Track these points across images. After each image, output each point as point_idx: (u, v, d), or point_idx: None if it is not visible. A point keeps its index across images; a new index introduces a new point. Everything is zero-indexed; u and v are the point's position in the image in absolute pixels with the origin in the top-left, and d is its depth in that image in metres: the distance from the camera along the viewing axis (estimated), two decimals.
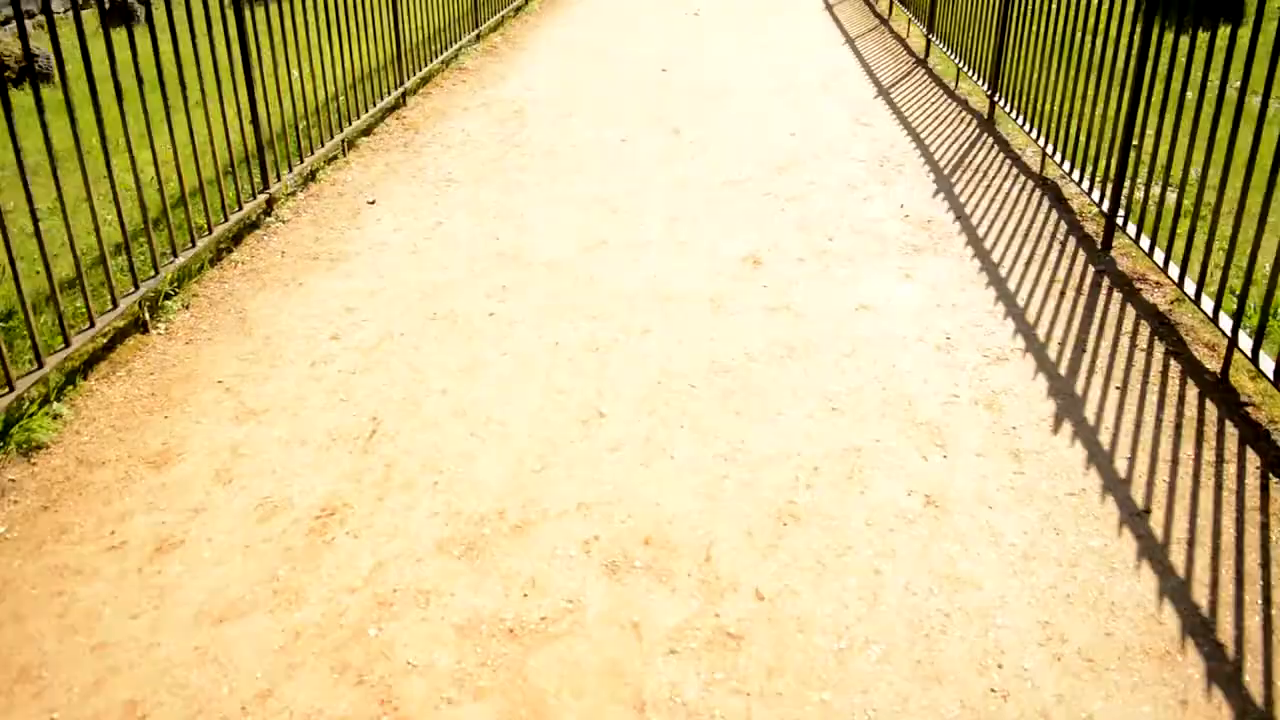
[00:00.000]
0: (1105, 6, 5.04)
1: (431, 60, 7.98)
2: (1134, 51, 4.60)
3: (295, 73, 5.59)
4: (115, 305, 3.86)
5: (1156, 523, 2.93)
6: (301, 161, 5.59)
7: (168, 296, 4.27)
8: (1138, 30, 4.59)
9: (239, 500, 3.06)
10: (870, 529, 2.89)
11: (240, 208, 4.89)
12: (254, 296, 4.41)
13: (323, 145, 5.86)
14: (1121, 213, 4.72)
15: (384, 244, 4.95)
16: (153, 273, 4.13)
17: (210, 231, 4.60)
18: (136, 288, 3.99)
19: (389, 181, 5.82)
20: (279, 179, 5.31)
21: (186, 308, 4.27)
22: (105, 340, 3.94)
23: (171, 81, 4.37)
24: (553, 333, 4.04)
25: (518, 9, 10.86)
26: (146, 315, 4.08)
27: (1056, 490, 3.07)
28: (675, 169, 5.98)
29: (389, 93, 6.99)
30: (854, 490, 3.06)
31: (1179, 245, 4.32)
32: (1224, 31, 7.93)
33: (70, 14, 8.95)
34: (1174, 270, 4.12)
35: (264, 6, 5.21)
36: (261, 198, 5.11)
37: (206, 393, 3.64)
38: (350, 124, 6.28)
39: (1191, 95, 6.03)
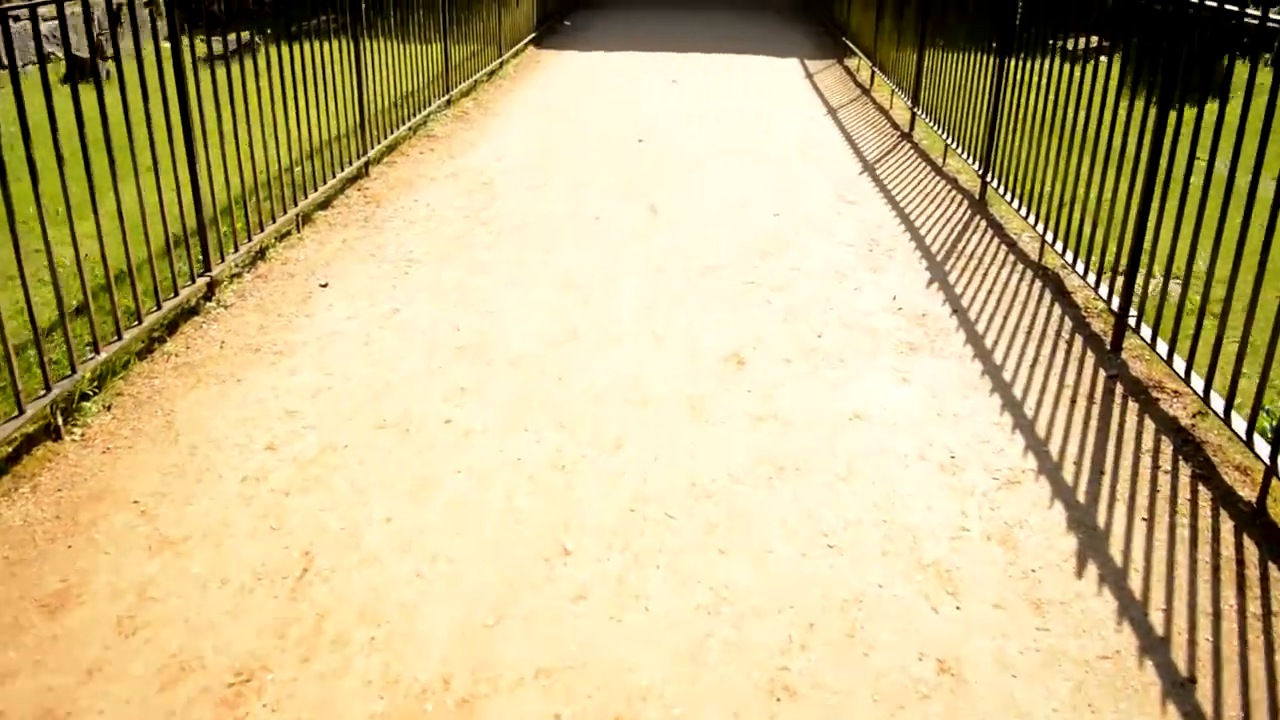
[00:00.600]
0: (1108, 80, 4.75)
1: (398, 127, 7.63)
2: (1147, 130, 4.30)
3: (248, 140, 5.22)
4: (22, 411, 3.43)
5: (1204, 695, 2.54)
6: (250, 239, 5.19)
7: (86, 397, 3.83)
8: (1152, 108, 4.29)
9: (141, 658, 2.61)
10: (878, 706, 2.48)
11: (176, 293, 4.48)
12: (185, 395, 3.98)
13: (274, 220, 5.47)
14: (1134, 312, 4.38)
15: (335, 334, 4.54)
16: (69, 371, 3.70)
17: (140, 321, 4.18)
18: (48, 390, 3.56)
19: (345, 260, 5.43)
20: (223, 259, 4.90)
21: (108, 408, 3.84)
22: (10, 449, 3.50)
23: (117, 148, 3.99)
24: (515, 445, 3.63)
25: (492, 73, 10.57)
26: (59, 420, 3.64)
27: (1087, 653, 2.67)
28: (651, 250, 5.63)
29: (350, 162, 6.63)
30: (856, 653, 2.66)
31: (1202, 352, 3.97)
32: (1212, 108, 7.70)
33: (26, 69, 8.56)
34: (1197, 382, 3.77)
35: (225, 66, 4.84)
36: (201, 281, 4.70)
37: (119, 515, 3.20)
38: (306, 197, 5.90)
39: (1195, 179, 5.76)
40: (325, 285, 5.10)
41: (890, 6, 9.87)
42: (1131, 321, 4.37)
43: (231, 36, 7.81)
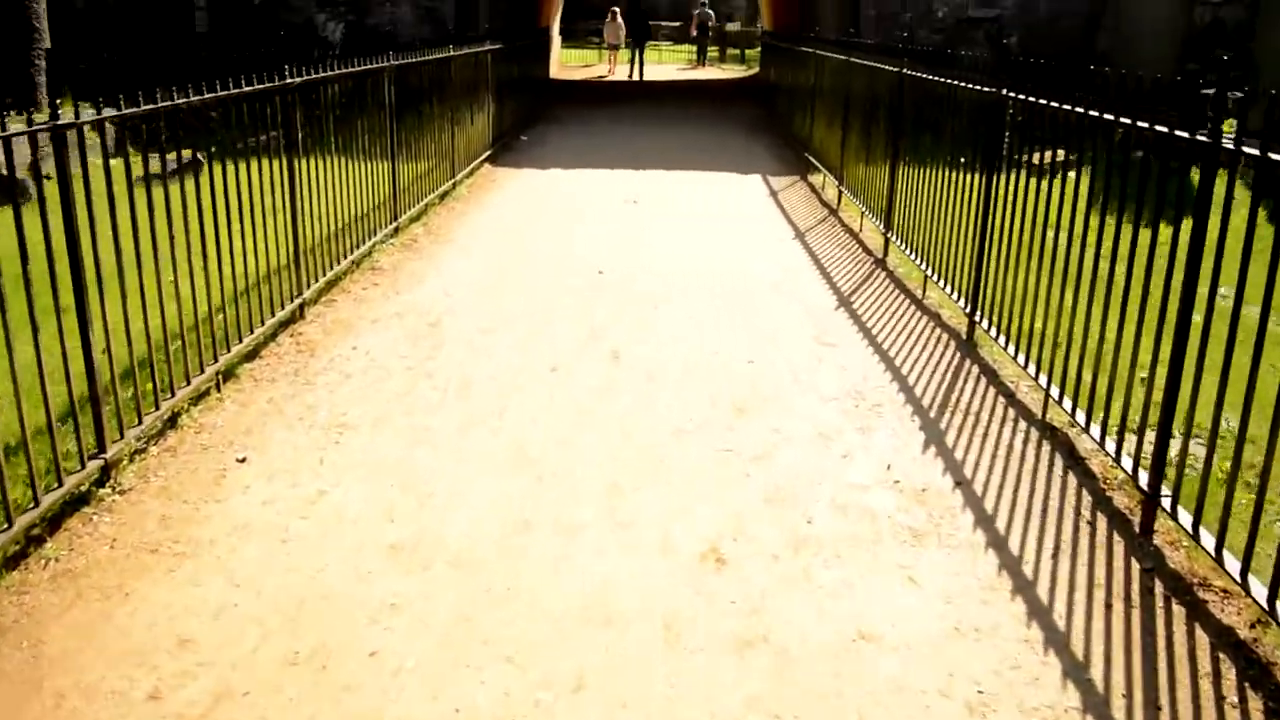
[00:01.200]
0: (1118, 208, 4.30)
1: (340, 260, 7.08)
2: (1177, 269, 3.81)
3: (175, 277, 4.65)
4: None
5: None
6: (158, 406, 4.56)
7: None
8: (1180, 246, 3.81)
9: None
10: None
11: (60, 483, 3.82)
12: (60, 618, 3.30)
13: (188, 382, 4.84)
14: (1165, 490, 3.85)
15: (247, 527, 3.89)
16: None
17: (10, 524, 3.52)
18: None
19: (269, 426, 4.80)
20: (123, 434, 4.26)
21: None
22: None
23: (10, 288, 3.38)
24: (453, 689, 2.98)
25: (445, 194, 10.10)
26: None
27: None
28: (615, 410, 5.05)
29: (283, 305, 6.04)
30: None
31: (1264, 546, 3.41)
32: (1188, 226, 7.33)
33: None
34: (1258, 589, 3.22)
35: (163, 185, 4.27)
36: (93, 465, 4.05)
37: None
38: (230, 349, 5.29)
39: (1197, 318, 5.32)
40: (243, 460, 4.46)
41: (856, 123, 9.56)
42: (1165, 502, 3.83)
43: (187, 152, 7.27)
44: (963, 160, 6.53)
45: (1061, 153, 6.65)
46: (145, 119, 4.63)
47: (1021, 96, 5.53)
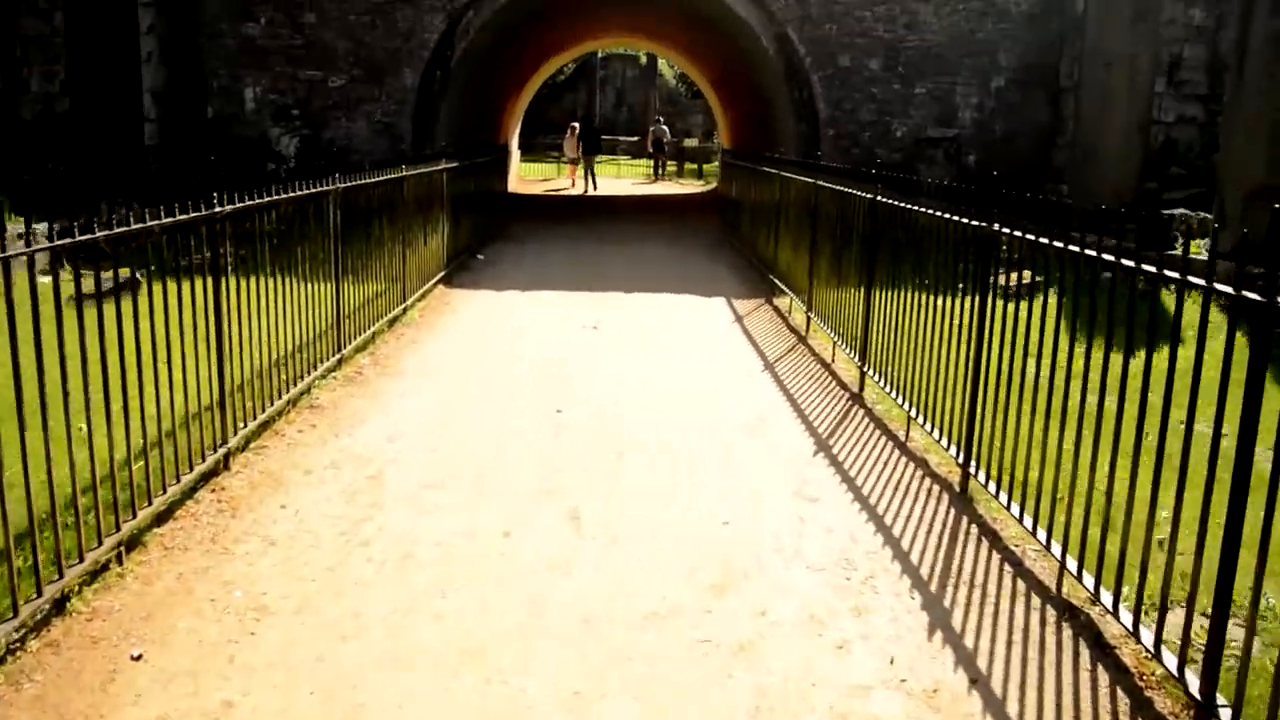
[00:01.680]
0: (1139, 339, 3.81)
1: (274, 398, 6.46)
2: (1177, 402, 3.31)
3: (79, 427, 4.04)
4: None
5: None
6: (39, 592, 3.87)
7: None
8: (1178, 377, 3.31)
9: None
10: None
11: None
12: None
13: (82, 558, 4.16)
14: (1222, 699, 3.28)
15: None
16: None
17: None
18: None
19: (175, 611, 4.12)
20: None
21: None
22: None
23: None
24: None
25: (394, 320, 9.54)
26: None
27: None
28: (576, 588, 4.42)
29: (204, 456, 5.39)
30: None
31: None
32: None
33: None
34: None
35: (96, 306, 3.66)
36: None
37: None
38: (136, 513, 4.62)
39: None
40: (139, 658, 3.77)
41: (825, 247, 9.19)
42: (1224, 715, 3.25)
43: (125, 271, 6.68)
44: (946, 290, 6.12)
45: (1028, 274, 6.32)
46: (58, 252, 4.05)
47: (1017, 234, 5.14)
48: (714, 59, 24.57)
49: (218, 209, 5.49)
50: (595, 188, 27.79)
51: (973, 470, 5.49)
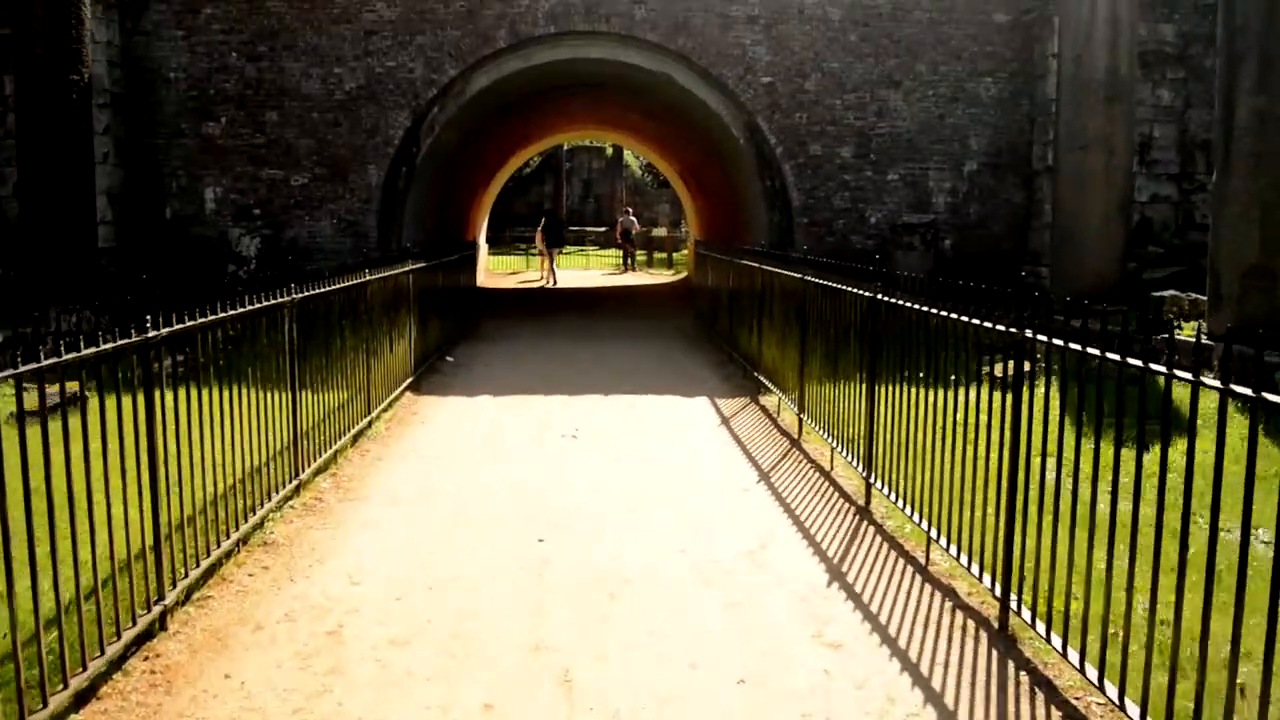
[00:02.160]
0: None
1: (222, 538, 5.71)
2: None
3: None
4: None
5: None
6: None
7: None
8: None
9: None
10: None
11: None
12: None
13: None
14: None
15: None
16: None
17: None
18: None
19: None
20: None
21: None
22: None
23: None
24: None
25: (359, 434, 8.82)
26: None
27: None
28: None
29: (135, 617, 4.64)
30: None
31: None
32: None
33: None
34: None
35: (41, 424, 2.95)
36: None
37: None
38: (46, 700, 3.86)
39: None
40: None
41: (818, 346, 8.62)
42: None
43: (72, 385, 6.00)
44: (954, 389, 5.55)
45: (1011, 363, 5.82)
46: None
47: (1051, 340, 4.59)
48: (682, 149, 24.37)
49: (150, 334, 4.83)
50: (555, 281, 27.51)
51: (1013, 604, 4.84)
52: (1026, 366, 4.91)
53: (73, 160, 13.48)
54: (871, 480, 6.98)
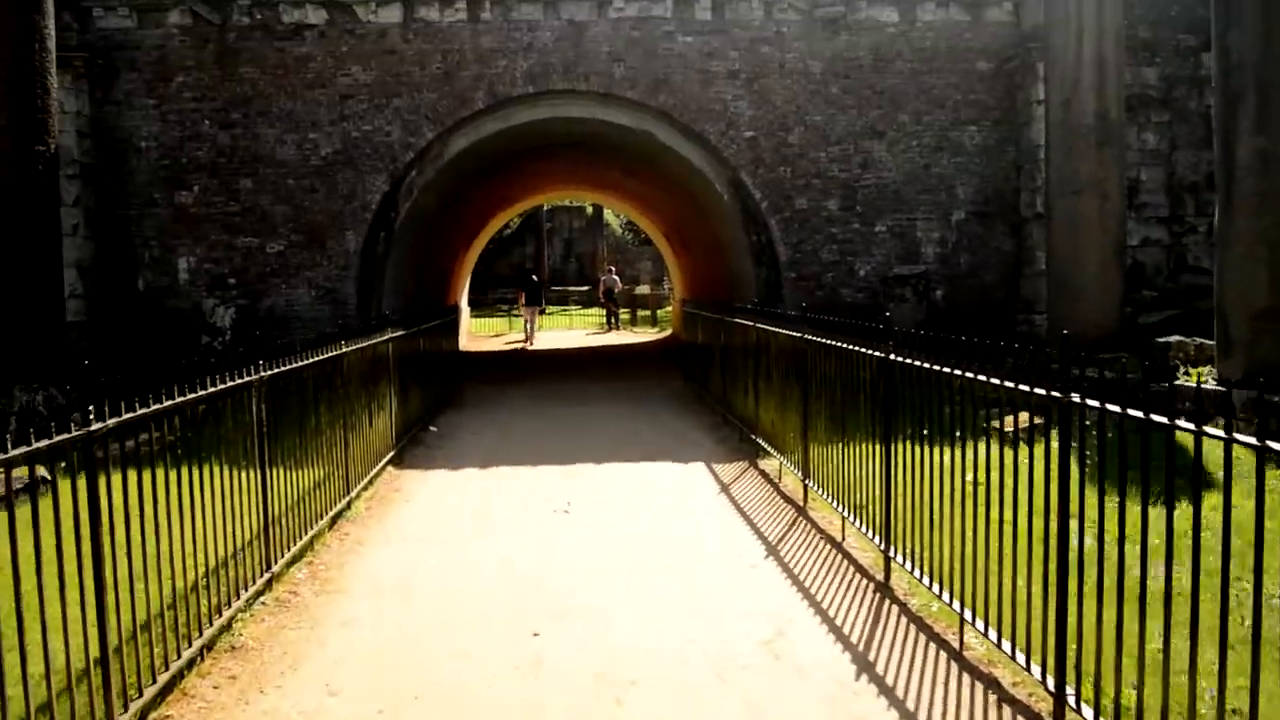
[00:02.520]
0: None
1: (183, 646, 5.12)
2: None
3: None
4: None
5: None
6: None
7: None
8: None
9: None
10: None
11: None
12: None
13: None
14: None
15: None
16: None
17: None
18: None
19: None
20: None
21: None
22: None
23: None
24: None
25: (337, 516, 8.23)
26: None
27: None
28: None
29: None
30: None
31: None
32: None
33: None
34: None
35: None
36: None
37: None
38: None
39: None
40: None
41: (822, 408, 8.12)
42: None
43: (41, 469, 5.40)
44: (977, 449, 5.05)
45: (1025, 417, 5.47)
46: None
47: (1089, 402, 4.12)
48: (664, 207, 24.06)
49: (95, 425, 4.28)
50: (533, 342, 27.26)
51: (1070, 699, 4.29)
52: (1026, 419, 4.46)
53: (39, 233, 12.97)
54: (891, 554, 6.45)
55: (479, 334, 30.29)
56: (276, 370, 6.74)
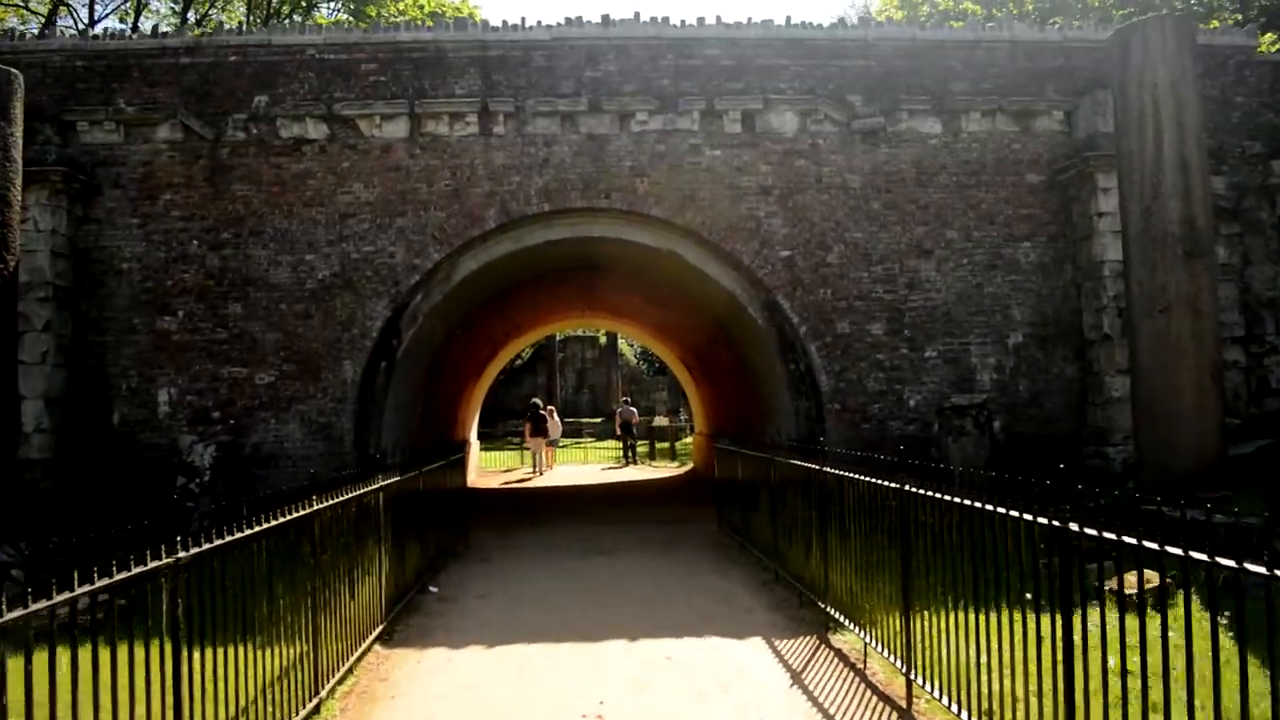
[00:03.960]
0: None
1: None
2: None
3: None
4: None
5: None
6: None
7: None
8: None
9: None
10: None
11: None
12: None
13: None
14: None
15: None
16: None
17: None
18: None
19: None
20: None
21: None
22: None
23: None
24: None
25: None
26: None
27: None
28: None
29: None
30: None
31: None
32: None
33: None
34: None
35: None
36: None
37: None
38: None
39: None
40: None
41: (941, 571, 6.14)
42: None
43: None
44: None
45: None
46: None
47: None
48: (687, 334, 22.36)
49: None
50: (542, 472, 26.83)
51: None
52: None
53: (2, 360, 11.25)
54: None
55: (488, 469, 28.27)
56: (199, 549, 4.79)
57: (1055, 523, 4.57)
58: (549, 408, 30.14)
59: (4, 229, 11.31)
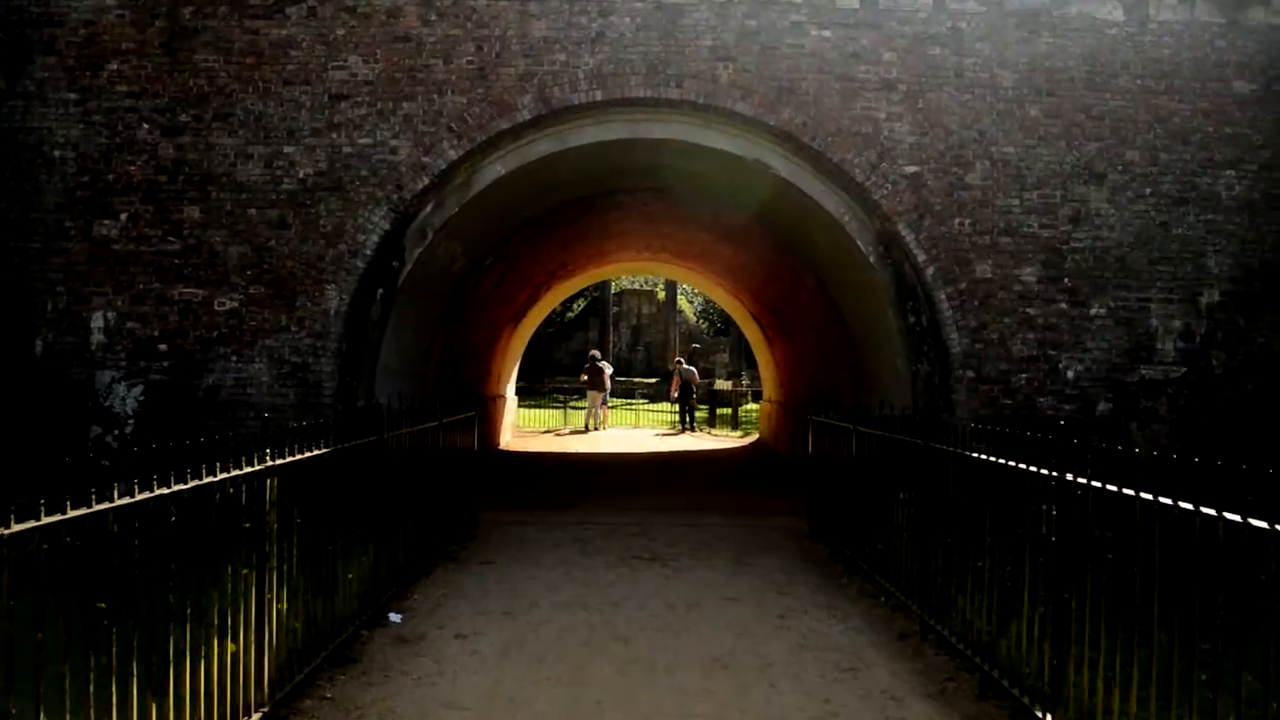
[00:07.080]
0: None
1: None
2: None
3: None
4: None
5: None
6: None
7: None
8: None
9: None
10: None
11: None
12: None
13: None
14: None
15: None
16: None
17: None
18: None
19: None
20: None
21: None
22: None
23: None
24: None
25: None
26: None
27: None
28: None
29: None
30: None
31: None
32: None
33: None
34: None
35: None
36: None
37: None
38: None
39: None
40: None
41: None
42: None
43: None
44: None
45: None
46: None
47: None
48: (763, 279, 18.36)
49: None
50: (596, 427, 25.16)
51: None
52: None
53: None
54: None
55: (526, 429, 24.64)
56: None
57: None
58: (604, 361, 26.88)
59: None
